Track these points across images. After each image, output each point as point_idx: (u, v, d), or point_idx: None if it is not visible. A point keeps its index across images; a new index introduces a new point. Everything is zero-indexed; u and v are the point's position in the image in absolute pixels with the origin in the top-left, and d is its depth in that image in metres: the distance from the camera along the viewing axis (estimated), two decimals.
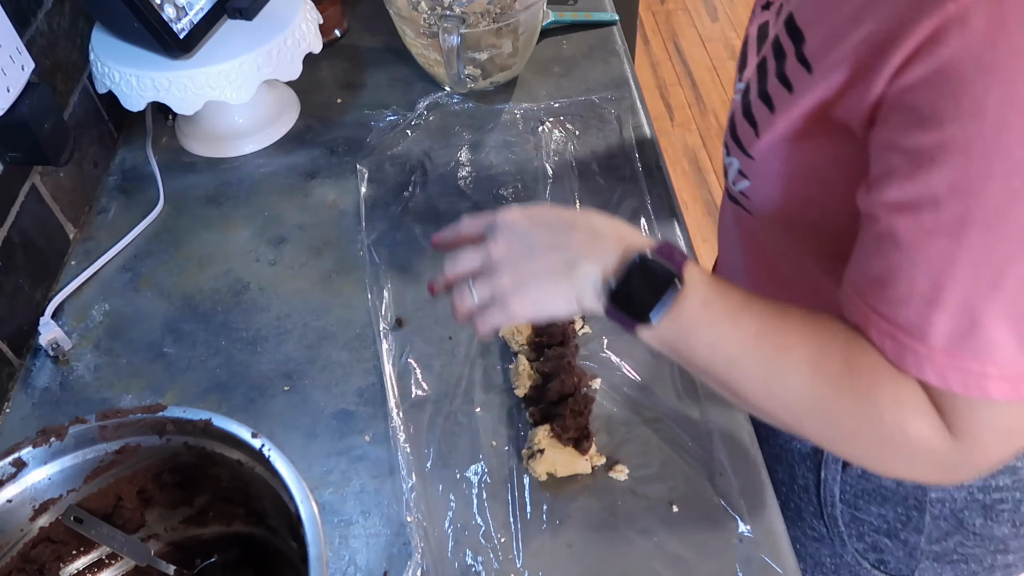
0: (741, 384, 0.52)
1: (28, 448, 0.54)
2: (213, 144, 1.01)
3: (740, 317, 0.51)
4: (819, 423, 0.51)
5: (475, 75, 1.02)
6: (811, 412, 0.51)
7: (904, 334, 0.46)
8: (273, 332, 0.81)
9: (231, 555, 0.63)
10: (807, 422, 0.52)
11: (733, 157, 0.63)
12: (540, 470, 0.67)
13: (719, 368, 0.52)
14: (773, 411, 0.52)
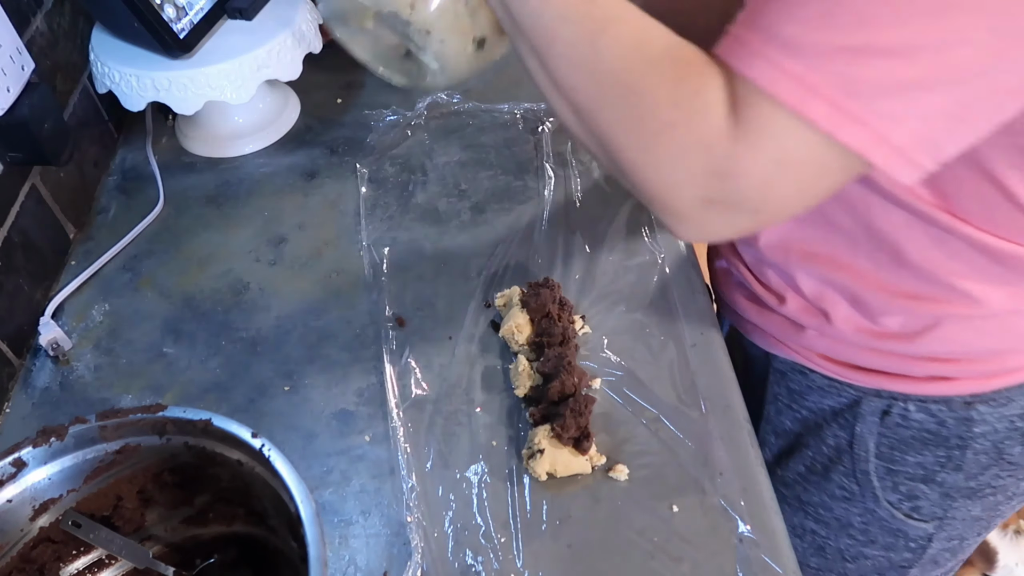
0: (556, 44, 0.50)
1: (28, 448, 0.54)
2: (213, 144, 1.01)
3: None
4: (615, 103, 0.49)
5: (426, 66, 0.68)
6: (613, 89, 0.49)
7: (744, 28, 0.46)
8: (273, 332, 0.81)
9: (231, 555, 0.63)
10: (604, 101, 0.50)
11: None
12: (540, 470, 0.67)
13: (541, 23, 0.51)
14: (577, 84, 0.51)
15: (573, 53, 0.50)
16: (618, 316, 0.79)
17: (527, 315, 0.76)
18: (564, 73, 0.51)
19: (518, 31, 0.53)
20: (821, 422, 0.77)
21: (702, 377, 0.74)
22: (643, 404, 0.72)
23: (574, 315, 0.78)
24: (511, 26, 0.53)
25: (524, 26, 0.52)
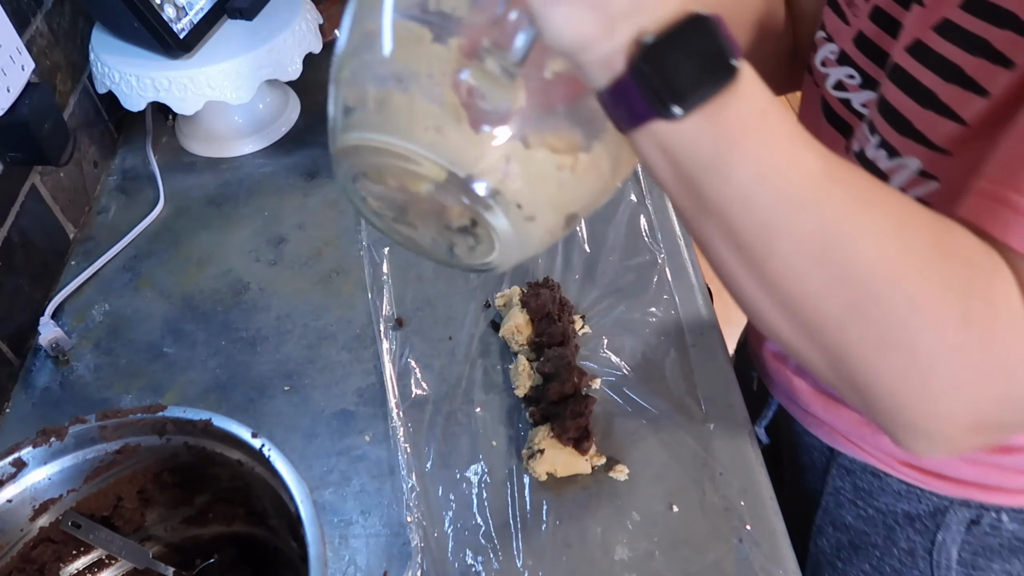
0: (779, 239, 0.37)
1: (28, 448, 0.54)
2: (213, 144, 1.01)
3: (806, 146, 0.36)
4: (869, 320, 0.37)
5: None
6: (868, 302, 0.37)
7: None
8: (273, 332, 0.81)
9: (231, 555, 0.63)
10: (851, 317, 0.37)
11: (908, 156, 0.50)
12: (540, 470, 0.67)
13: (758, 207, 0.36)
14: (808, 292, 0.38)
15: (805, 252, 0.36)
16: (618, 316, 0.79)
17: (527, 315, 0.76)
18: (787, 277, 0.38)
19: (712, 218, 0.38)
20: (893, 524, 0.69)
21: (702, 377, 0.74)
22: (643, 404, 0.72)
23: (574, 315, 0.78)
24: (696, 209, 0.39)
25: (727, 213, 0.37)
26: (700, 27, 0.34)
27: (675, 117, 0.34)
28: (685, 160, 0.36)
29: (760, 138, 0.35)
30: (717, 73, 0.34)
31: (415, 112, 0.40)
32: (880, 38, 0.55)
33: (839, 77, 0.59)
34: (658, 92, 0.34)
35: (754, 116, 0.35)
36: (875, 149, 0.53)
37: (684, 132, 0.35)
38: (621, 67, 0.34)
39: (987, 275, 0.37)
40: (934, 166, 0.49)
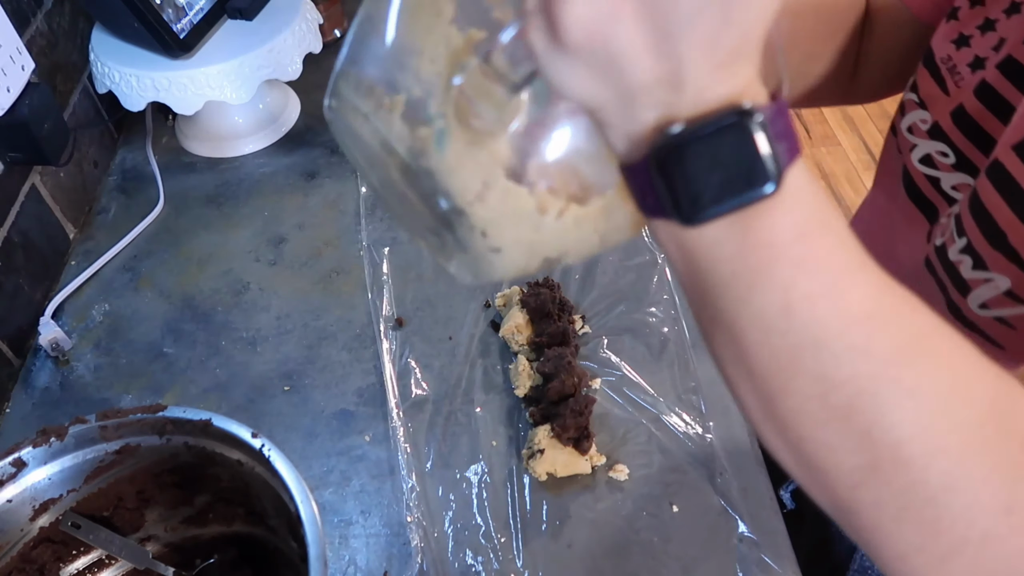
0: (800, 380, 0.31)
1: (28, 448, 0.54)
2: (213, 144, 1.01)
3: (851, 281, 0.30)
4: (894, 491, 0.32)
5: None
6: (895, 470, 0.31)
7: None
8: (273, 332, 0.81)
9: (231, 555, 0.63)
10: (871, 483, 0.32)
11: (998, 273, 0.43)
12: (540, 470, 0.67)
13: (779, 342, 0.31)
14: (838, 442, 0.32)
15: (828, 400, 0.31)
16: (618, 316, 0.79)
17: (527, 315, 0.76)
18: (801, 421, 0.32)
19: (726, 335, 0.33)
20: None
21: (702, 377, 0.74)
22: (643, 404, 0.72)
23: (574, 315, 0.78)
24: (709, 320, 0.33)
25: (743, 337, 0.32)
26: (741, 127, 0.28)
27: (689, 224, 0.30)
28: (701, 268, 0.31)
29: (794, 266, 0.30)
30: (748, 187, 0.29)
31: (403, 92, 0.36)
32: (985, 119, 0.47)
33: (929, 151, 0.51)
34: (675, 192, 0.29)
35: (790, 238, 0.29)
36: (959, 253, 0.46)
37: (703, 239, 0.30)
38: (641, 148, 0.29)
39: None
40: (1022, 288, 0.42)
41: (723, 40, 0.27)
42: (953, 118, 0.50)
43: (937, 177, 0.52)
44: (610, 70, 0.28)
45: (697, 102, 0.28)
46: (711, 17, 0.27)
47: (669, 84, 0.28)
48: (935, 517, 0.31)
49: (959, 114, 0.49)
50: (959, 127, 0.49)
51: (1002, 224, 0.42)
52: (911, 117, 0.53)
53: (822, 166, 2.37)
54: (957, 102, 0.49)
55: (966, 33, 0.50)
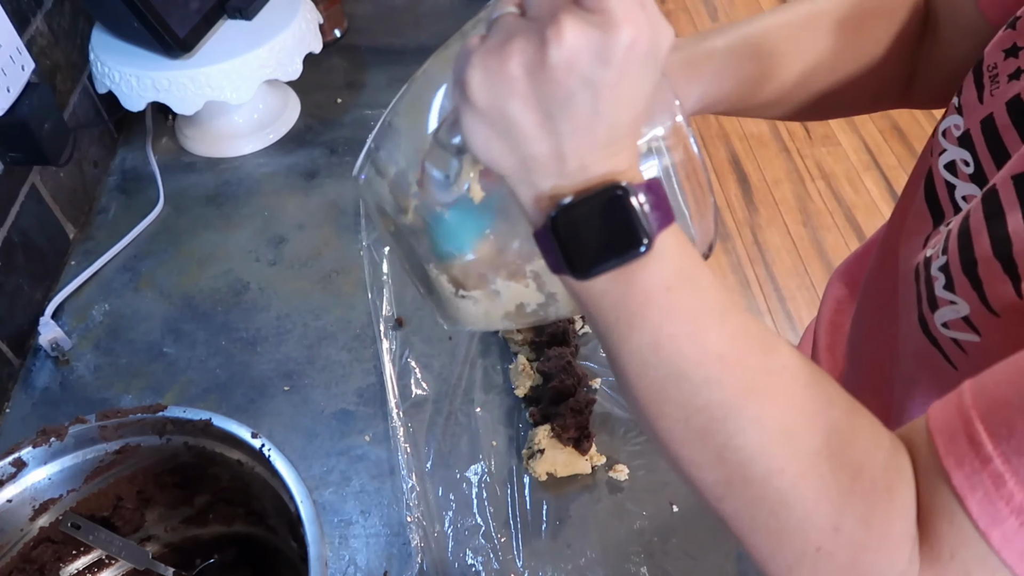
0: (668, 406, 0.38)
1: (28, 448, 0.54)
2: (213, 144, 1.01)
3: (709, 325, 0.37)
4: (747, 503, 0.38)
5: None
6: (747, 486, 0.37)
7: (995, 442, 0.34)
8: (273, 332, 0.81)
9: (231, 555, 0.63)
10: (731, 496, 0.38)
11: (961, 298, 0.45)
12: (540, 470, 0.67)
13: (651, 374, 0.37)
14: (696, 461, 0.38)
15: (690, 424, 0.37)
16: None
17: None
18: (673, 441, 0.38)
19: (616, 367, 0.39)
20: None
21: None
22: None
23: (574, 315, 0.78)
24: (606, 352, 0.40)
25: (625, 369, 0.38)
26: (619, 201, 0.35)
27: (580, 279, 0.36)
28: (593, 312, 0.38)
29: (661, 312, 0.36)
30: (624, 247, 0.35)
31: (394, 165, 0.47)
32: (1008, 132, 0.47)
33: (954, 158, 0.51)
34: (568, 252, 0.36)
35: (659, 290, 0.36)
36: (938, 270, 0.48)
37: (593, 290, 0.37)
38: (540, 218, 0.36)
39: (880, 492, 0.36)
40: (980, 319, 0.44)
41: (596, 128, 0.34)
42: (982, 127, 0.50)
43: (954, 185, 0.52)
44: (510, 138, 0.35)
45: (580, 178, 0.35)
46: (582, 107, 0.33)
47: (556, 160, 0.35)
48: (777, 529, 0.37)
49: (987, 123, 0.50)
50: (984, 137, 0.50)
51: (977, 252, 0.44)
52: (948, 121, 0.54)
53: (822, 166, 2.37)
54: (989, 111, 0.50)
55: (1019, 44, 0.49)
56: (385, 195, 0.47)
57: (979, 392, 0.36)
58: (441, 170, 0.43)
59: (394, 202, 0.46)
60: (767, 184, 2.32)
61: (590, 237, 0.36)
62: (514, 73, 0.33)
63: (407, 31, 1.18)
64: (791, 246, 2.15)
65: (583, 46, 0.32)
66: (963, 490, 0.34)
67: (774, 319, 1.99)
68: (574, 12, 0.32)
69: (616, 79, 0.33)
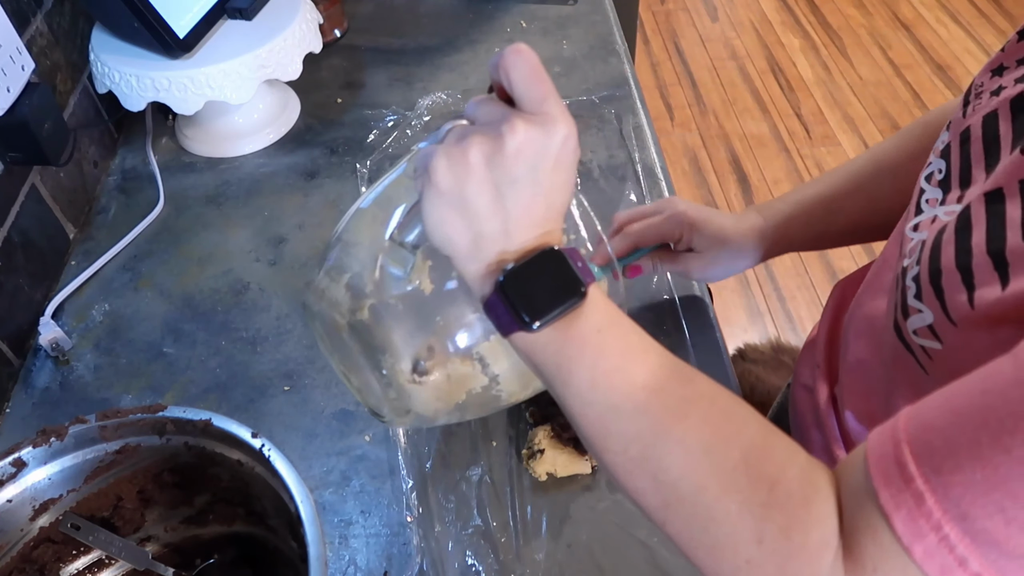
0: (609, 439, 0.43)
1: (28, 448, 0.54)
2: (213, 144, 1.01)
3: (635, 360, 0.43)
4: (684, 521, 0.41)
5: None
6: (680, 506, 0.41)
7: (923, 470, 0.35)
8: (273, 332, 0.81)
9: (231, 555, 0.63)
10: (671, 515, 0.42)
11: (927, 307, 0.48)
12: (540, 470, 0.67)
13: (591, 410, 0.43)
14: (638, 488, 0.43)
15: (626, 448, 0.42)
16: None
17: None
18: (618, 471, 0.43)
19: (565, 409, 0.46)
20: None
21: None
22: None
23: None
24: (556, 399, 0.46)
25: (570, 409, 0.45)
26: (553, 259, 0.43)
27: (533, 330, 0.42)
28: (540, 363, 0.44)
29: (595, 352, 0.43)
30: (566, 293, 0.42)
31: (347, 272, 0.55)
32: (976, 145, 0.50)
33: (933, 168, 0.54)
34: (518, 310, 0.42)
35: (592, 333, 0.43)
36: (911, 279, 0.50)
37: (538, 342, 0.43)
38: (489, 287, 0.43)
39: (797, 504, 0.39)
40: (942, 328, 0.47)
41: (535, 207, 0.42)
42: (960, 138, 0.52)
43: (924, 190, 0.54)
44: (466, 216, 0.42)
45: (522, 249, 0.43)
46: (526, 188, 0.42)
47: (502, 234, 0.42)
48: (711, 544, 0.41)
49: (964, 135, 0.52)
50: (960, 147, 0.52)
51: (943, 263, 0.46)
52: (939, 140, 0.56)
53: (822, 166, 2.37)
54: (967, 124, 0.52)
55: (1005, 64, 0.52)
56: (340, 297, 0.55)
57: (912, 417, 0.38)
58: (398, 267, 0.52)
59: (350, 302, 0.54)
60: (767, 184, 2.32)
61: (536, 291, 0.42)
62: (473, 160, 0.41)
63: (407, 31, 1.18)
64: None
65: (531, 139, 0.41)
66: (888, 507, 0.36)
67: (774, 319, 1.99)
68: (522, 114, 0.41)
69: (553, 166, 0.42)
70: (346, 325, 0.54)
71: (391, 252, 0.52)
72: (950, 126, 0.54)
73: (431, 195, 0.42)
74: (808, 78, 2.68)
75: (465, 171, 0.41)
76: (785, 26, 2.93)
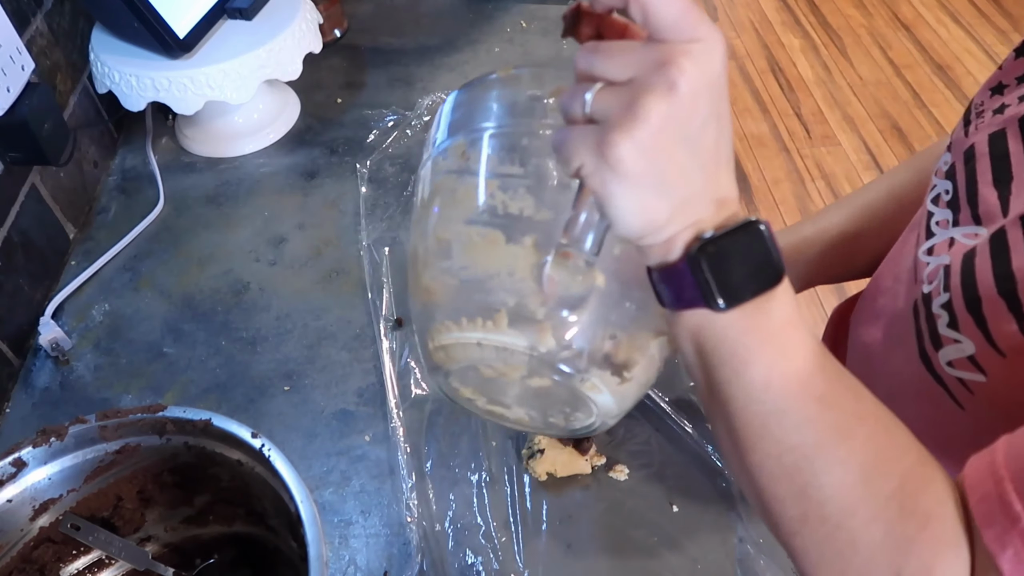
0: (765, 441, 0.40)
1: (28, 448, 0.54)
2: (213, 144, 1.01)
3: (814, 367, 0.39)
4: (820, 539, 0.40)
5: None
6: (821, 522, 0.39)
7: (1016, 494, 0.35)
8: (273, 332, 0.81)
9: (231, 555, 0.63)
10: (805, 529, 0.40)
11: (966, 337, 0.46)
12: (540, 470, 0.67)
13: (757, 408, 0.39)
14: (778, 495, 0.40)
15: (782, 460, 0.39)
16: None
17: None
18: (761, 473, 0.40)
19: (716, 400, 0.41)
20: None
21: None
22: (643, 403, 0.72)
23: None
24: (706, 389, 0.42)
25: (729, 403, 0.40)
26: (756, 232, 0.37)
27: (719, 309, 0.37)
28: (709, 348, 0.39)
29: (778, 347, 0.38)
30: (765, 277, 0.37)
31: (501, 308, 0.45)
32: (983, 162, 0.50)
33: (939, 190, 0.53)
34: (709, 284, 0.37)
35: (778, 327, 0.38)
36: (940, 307, 0.48)
37: (718, 323, 0.38)
38: (677, 253, 0.37)
39: (947, 544, 0.37)
40: (986, 359, 0.45)
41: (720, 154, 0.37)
42: (964, 157, 0.52)
43: (933, 212, 0.53)
44: (664, 190, 0.36)
45: (720, 215, 0.37)
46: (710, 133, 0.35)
47: (701, 195, 0.37)
48: (842, 569, 0.39)
49: (968, 153, 0.51)
50: (964, 167, 0.51)
51: (981, 290, 0.45)
52: (941, 160, 0.55)
53: (822, 166, 2.37)
54: (971, 143, 0.51)
55: (1004, 82, 0.51)
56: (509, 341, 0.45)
57: (1011, 451, 0.36)
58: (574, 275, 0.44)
59: (527, 339, 0.45)
60: (767, 184, 2.32)
61: (733, 268, 0.37)
62: (657, 125, 0.34)
63: (407, 31, 1.18)
64: None
65: (702, 72, 0.34)
66: (994, 547, 0.35)
67: None
68: (680, 48, 0.34)
69: (723, 87, 0.35)
70: (527, 365, 0.46)
71: (560, 265, 0.43)
72: (952, 147, 0.54)
73: (622, 187, 0.35)
74: (808, 78, 2.68)
75: (653, 142, 0.34)
76: (785, 26, 2.93)
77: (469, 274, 0.46)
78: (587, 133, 0.36)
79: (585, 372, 0.46)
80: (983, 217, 0.48)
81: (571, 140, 0.36)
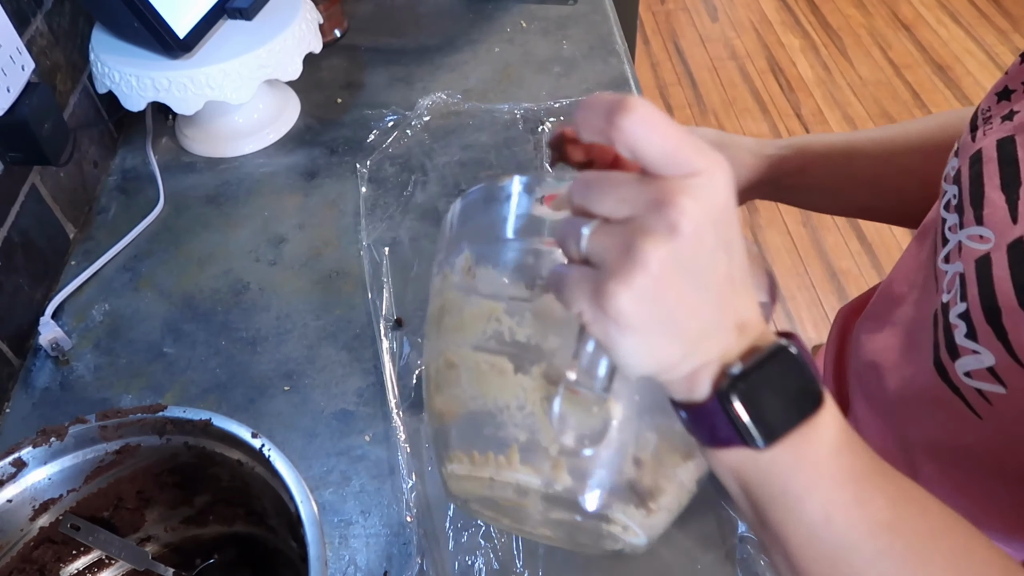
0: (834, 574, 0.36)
1: (28, 448, 0.54)
2: (213, 144, 1.01)
3: (874, 490, 0.36)
4: None
5: None
6: None
7: None
8: (273, 332, 0.81)
9: (231, 555, 0.63)
10: None
11: (985, 348, 0.45)
12: None
13: (821, 545, 0.36)
14: None
15: None
16: None
17: None
18: None
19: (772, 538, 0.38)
20: None
21: None
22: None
23: None
24: (759, 526, 0.38)
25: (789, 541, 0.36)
26: (787, 357, 0.34)
27: (759, 448, 0.34)
28: (755, 486, 0.36)
29: (832, 479, 0.35)
30: (804, 405, 0.34)
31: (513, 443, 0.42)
32: (990, 164, 0.49)
33: (949, 196, 0.53)
34: (744, 423, 0.34)
35: (830, 453, 0.35)
36: (957, 317, 0.47)
37: (761, 461, 0.35)
38: (704, 391, 0.34)
39: None
40: (1006, 371, 0.44)
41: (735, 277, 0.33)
42: (970, 162, 0.51)
43: (945, 219, 0.53)
44: (671, 332, 0.33)
45: (744, 341, 0.34)
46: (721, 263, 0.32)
47: (716, 325, 0.33)
48: None
49: (975, 158, 0.51)
50: (970, 170, 0.51)
51: (1001, 301, 0.44)
52: (948, 166, 0.55)
53: None
54: (978, 148, 0.51)
55: (1011, 87, 0.51)
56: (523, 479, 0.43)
57: None
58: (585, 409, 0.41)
59: (541, 477, 0.43)
60: None
61: (770, 401, 0.34)
62: (657, 271, 0.31)
63: (407, 31, 1.18)
64: (791, 246, 2.15)
65: (704, 210, 0.31)
66: None
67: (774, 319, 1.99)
68: (678, 184, 0.31)
69: (732, 221, 0.33)
70: (543, 502, 0.44)
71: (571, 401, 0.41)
72: (959, 152, 0.53)
73: (625, 336, 0.32)
74: (808, 78, 2.68)
75: (655, 288, 0.31)
76: (785, 26, 2.93)
77: (479, 405, 0.44)
78: (584, 278, 0.33)
79: (608, 508, 0.43)
80: (987, 219, 0.47)
81: (568, 285, 0.34)
